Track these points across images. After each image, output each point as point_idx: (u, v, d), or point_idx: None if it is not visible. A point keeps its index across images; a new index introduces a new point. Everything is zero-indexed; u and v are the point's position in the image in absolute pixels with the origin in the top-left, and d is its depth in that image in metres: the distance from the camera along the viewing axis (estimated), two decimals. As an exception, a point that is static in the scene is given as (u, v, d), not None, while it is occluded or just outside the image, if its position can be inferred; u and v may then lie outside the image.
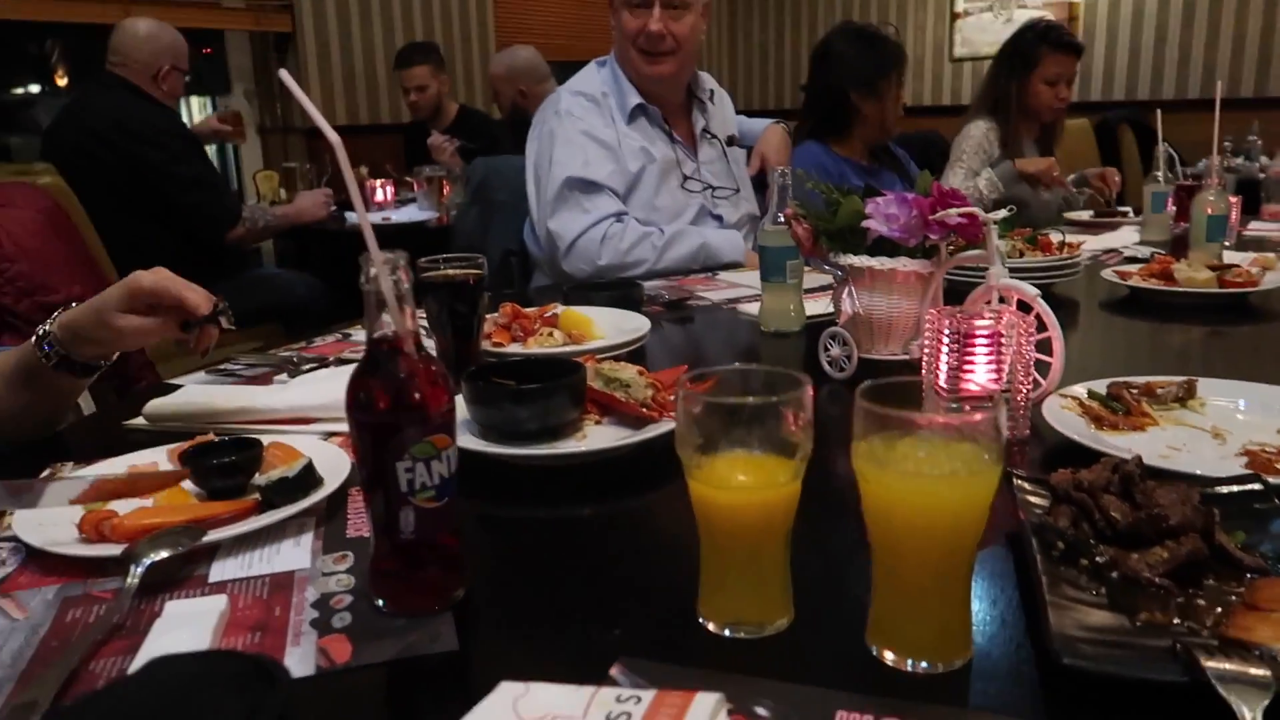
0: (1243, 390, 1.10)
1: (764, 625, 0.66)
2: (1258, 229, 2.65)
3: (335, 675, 0.63)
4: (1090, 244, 2.34)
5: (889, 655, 0.62)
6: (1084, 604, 0.65)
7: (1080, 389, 1.10)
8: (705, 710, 0.51)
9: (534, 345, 1.38)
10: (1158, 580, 0.66)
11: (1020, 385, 1.01)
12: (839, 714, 0.55)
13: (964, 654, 0.62)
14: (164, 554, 0.75)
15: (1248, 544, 0.71)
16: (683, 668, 0.61)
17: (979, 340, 0.96)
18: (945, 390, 0.97)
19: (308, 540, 0.82)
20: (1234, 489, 0.79)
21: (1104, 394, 1.09)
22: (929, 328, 1.00)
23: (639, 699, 0.52)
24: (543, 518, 0.92)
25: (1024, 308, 1.08)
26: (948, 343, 0.97)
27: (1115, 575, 0.68)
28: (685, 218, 2.18)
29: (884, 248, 1.26)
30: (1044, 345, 1.07)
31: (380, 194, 4.05)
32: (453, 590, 0.71)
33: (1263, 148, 3.95)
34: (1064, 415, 1.03)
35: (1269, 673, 0.54)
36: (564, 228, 2.05)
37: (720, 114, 2.36)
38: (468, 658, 0.66)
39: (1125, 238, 2.54)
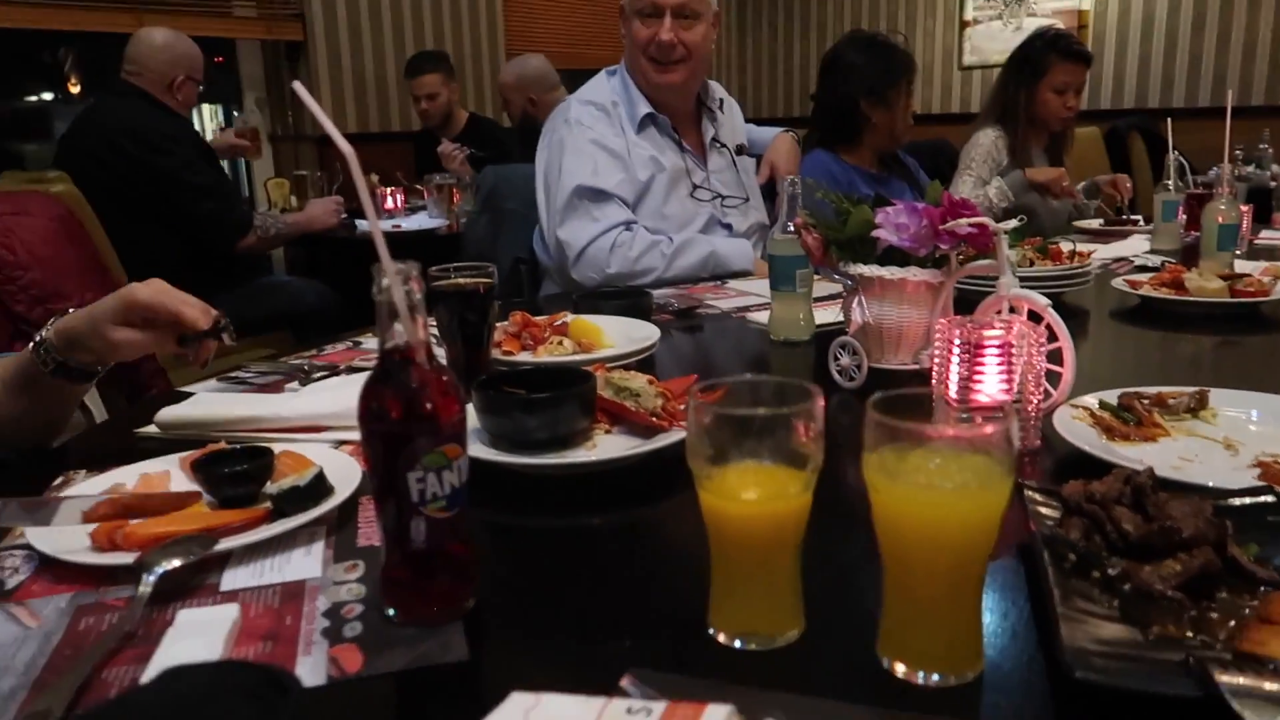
0: (1255, 401, 1.09)
1: (775, 637, 0.66)
2: (1269, 238, 2.64)
3: (346, 685, 0.63)
4: (1100, 253, 2.33)
5: (900, 667, 0.62)
6: (1096, 617, 0.64)
7: (1091, 399, 1.10)
8: (716, 722, 0.50)
9: (544, 354, 1.38)
10: (1170, 593, 0.66)
11: (1031, 395, 1.00)
12: (850, 726, 0.55)
13: (975, 666, 0.62)
14: (176, 563, 0.76)
15: (1261, 557, 0.71)
16: (693, 679, 0.61)
17: (989, 350, 0.96)
18: (955, 400, 0.97)
19: (319, 549, 0.83)
20: (1247, 501, 0.78)
21: (1115, 404, 1.09)
22: (939, 338, 0.99)
23: (649, 710, 0.52)
24: (552, 527, 0.92)
25: (1034, 317, 1.07)
26: (958, 353, 0.97)
27: (1127, 588, 0.67)
28: (694, 226, 2.19)
29: (894, 257, 1.26)
30: (1054, 355, 1.07)
31: (390, 202, 4.07)
32: (463, 600, 0.71)
33: (1274, 156, 3.93)
34: (1075, 426, 1.03)
35: (1283, 687, 0.53)
36: (573, 236, 2.06)
37: (730, 123, 2.36)
38: (478, 668, 0.66)
39: (1136, 246, 2.53)
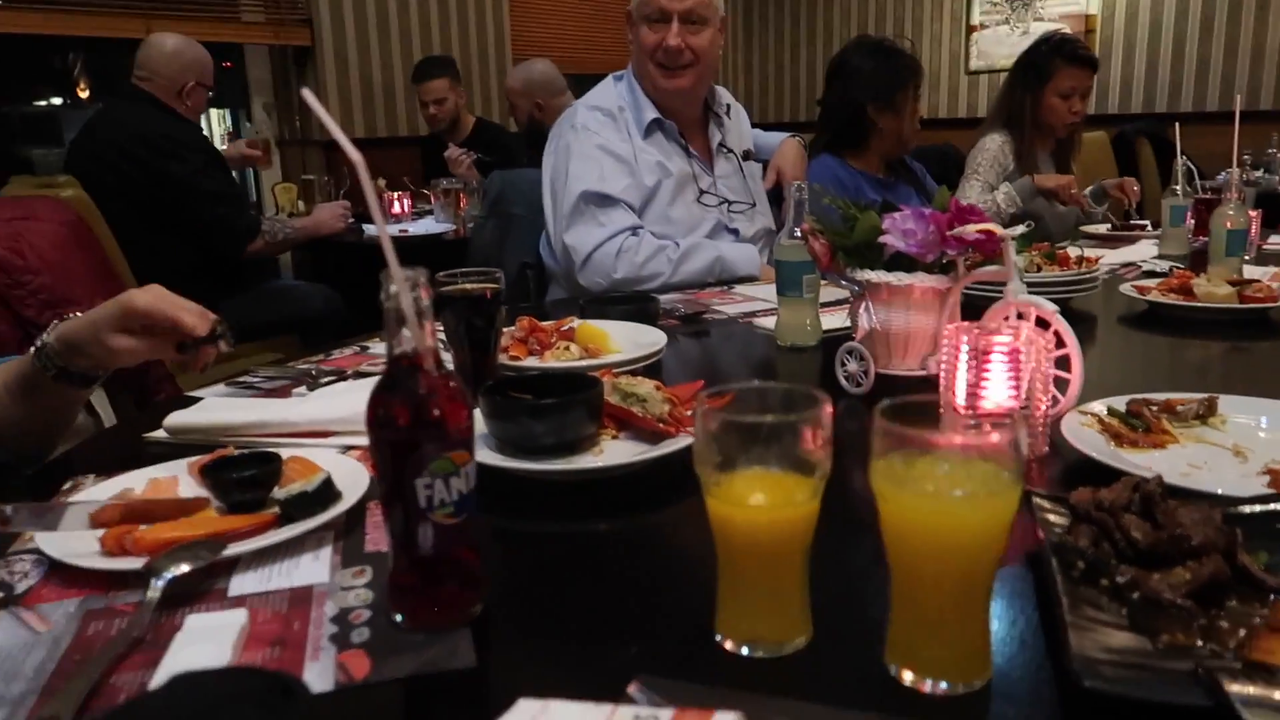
0: (1264, 408, 1.09)
1: (782, 644, 0.66)
2: (1278, 243, 2.63)
3: (354, 691, 0.63)
4: (1108, 258, 2.32)
5: (908, 675, 0.62)
6: (1105, 625, 0.64)
7: (1099, 406, 1.09)
8: (724, 730, 0.51)
9: (551, 359, 1.38)
10: (1180, 601, 0.66)
11: (1039, 402, 1.00)
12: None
13: (983, 674, 0.62)
14: (185, 568, 0.76)
15: (1271, 565, 0.70)
16: (700, 686, 0.61)
17: (997, 356, 0.96)
18: (963, 407, 0.96)
19: (326, 554, 0.83)
20: (1256, 509, 0.78)
21: (1124, 411, 1.08)
22: (946, 344, 0.99)
23: (657, 717, 0.52)
24: (559, 533, 0.93)
25: (1042, 323, 1.07)
26: (965, 359, 0.97)
27: (1136, 596, 0.67)
28: (701, 232, 2.19)
29: (901, 263, 1.25)
30: (1062, 361, 1.07)
31: (397, 206, 4.08)
32: (471, 606, 0.71)
33: (1283, 161, 3.93)
34: (1083, 432, 1.02)
35: (1293, 697, 0.53)
36: (580, 241, 2.06)
37: (736, 128, 2.37)
38: (485, 674, 0.66)
39: (1143, 252, 2.52)
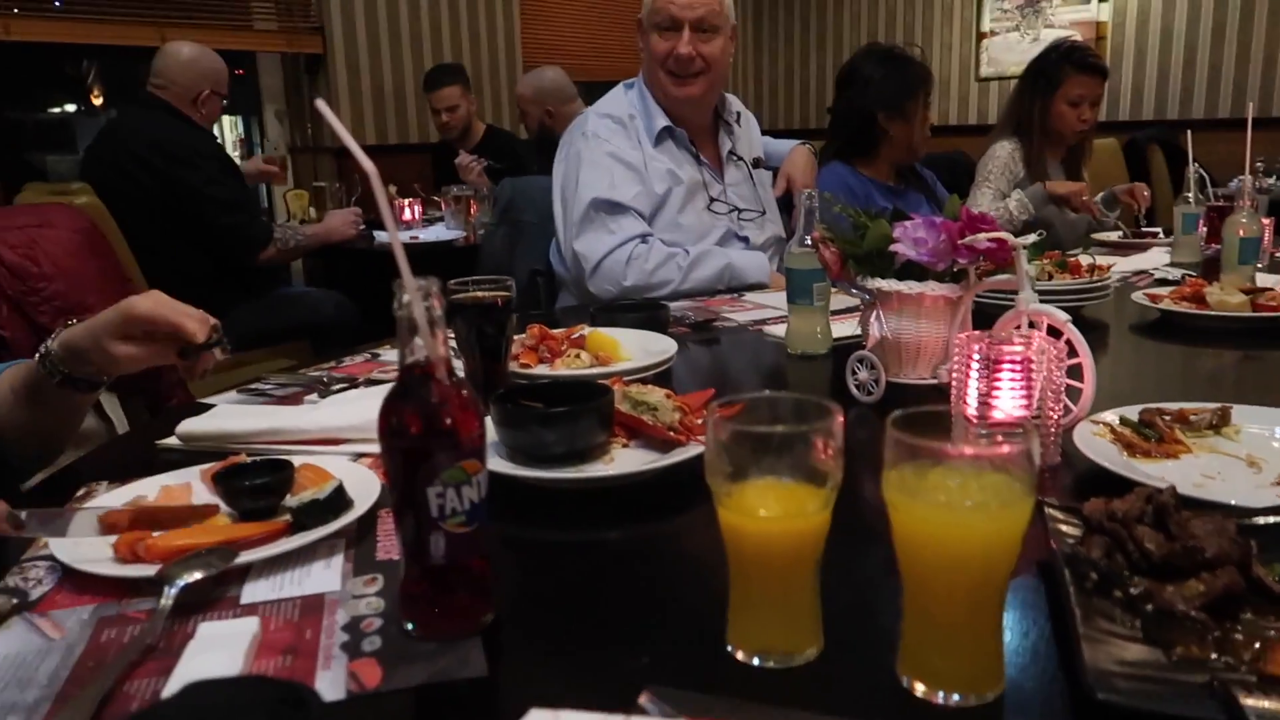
0: (1278, 418, 1.08)
1: (793, 655, 0.66)
2: (1291, 251, 2.62)
3: (365, 700, 0.64)
4: (1120, 266, 2.31)
5: (920, 687, 0.62)
6: (1118, 637, 0.64)
7: (1112, 415, 1.09)
8: (735, 742, 0.51)
9: (561, 367, 1.38)
10: (1194, 614, 0.65)
11: (1051, 411, 1.00)
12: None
13: (996, 686, 0.62)
14: (197, 575, 0.76)
15: (1286, 577, 0.70)
16: (711, 696, 0.61)
17: (1008, 366, 0.96)
18: (975, 417, 0.96)
19: (338, 562, 0.83)
20: (1271, 520, 0.78)
21: (1136, 420, 1.08)
22: (958, 353, 0.99)
23: (669, 729, 0.52)
24: (570, 541, 0.93)
25: (1054, 332, 1.07)
26: (977, 368, 0.97)
27: (1150, 608, 0.67)
28: (711, 239, 2.19)
29: (912, 272, 1.25)
30: (1074, 370, 1.06)
31: (408, 213, 4.10)
32: (482, 615, 0.72)
33: (1295, 168, 3.91)
34: (1095, 442, 1.02)
35: (1310, 711, 0.53)
36: (589, 249, 2.06)
37: (746, 136, 2.37)
38: (496, 684, 0.66)
39: (1155, 259, 2.51)
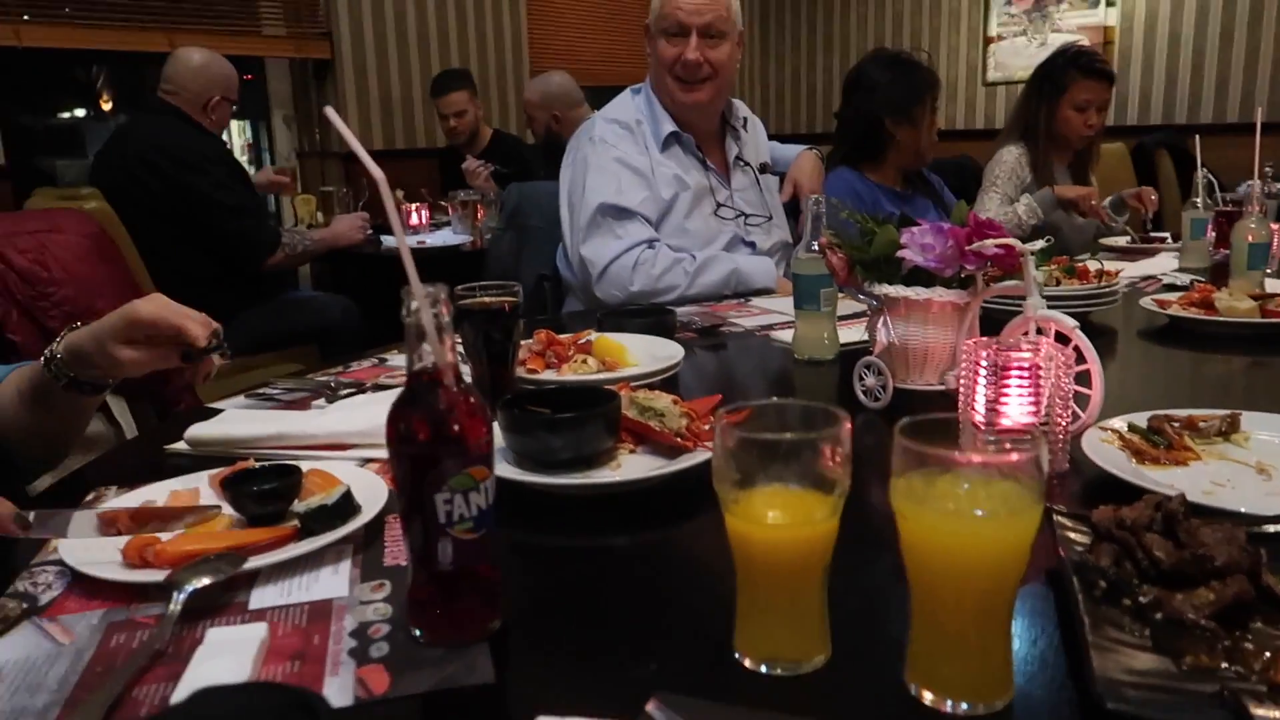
0: (1288, 425, 1.08)
1: (801, 662, 0.66)
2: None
3: (373, 706, 0.64)
4: (1128, 271, 2.31)
5: (928, 695, 0.62)
6: (1127, 646, 0.64)
7: (1120, 422, 1.09)
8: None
9: (568, 372, 1.39)
10: (1203, 622, 0.65)
11: (1059, 418, 1.00)
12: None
13: (1005, 695, 0.62)
14: (206, 581, 0.77)
15: (1296, 586, 0.70)
16: (719, 704, 0.61)
17: (1016, 373, 0.96)
18: (983, 424, 0.96)
19: (345, 568, 0.83)
20: (1281, 528, 0.77)
21: (1145, 427, 1.07)
22: (965, 359, 0.99)
23: (676, 737, 0.52)
24: (577, 547, 0.93)
25: (1062, 339, 1.07)
26: (984, 375, 0.97)
27: (1159, 617, 0.66)
28: (718, 244, 2.19)
29: (919, 277, 1.25)
30: (1082, 377, 1.06)
31: (415, 218, 4.10)
32: (489, 621, 0.72)
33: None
34: (1104, 449, 1.02)
35: (1321, 722, 0.52)
36: (596, 254, 2.07)
37: (753, 141, 2.37)
38: (504, 690, 0.66)
39: (1164, 265, 2.50)
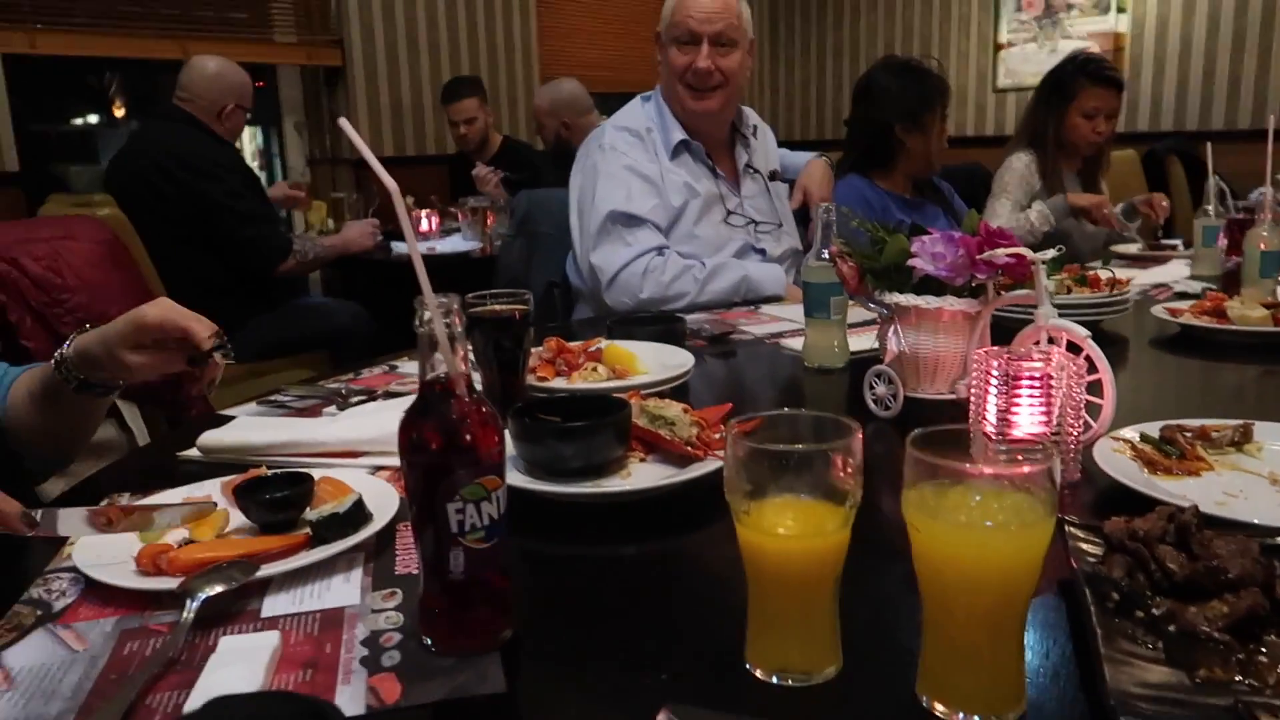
0: (1301, 435, 1.07)
1: (812, 673, 0.66)
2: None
3: (385, 715, 0.64)
4: (1140, 279, 2.30)
5: (939, 707, 0.61)
6: (1141, 659, 0.63)
7: (1132, 432, 1.08)
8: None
9: (578, 380, 1.39)
10: (1217, 635, 0.65)
11: (1070, 428, 0.99)
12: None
13: (1017, 707, 0.61)
14: (218, 588, 0.77)
15: (1310, 598, 0.69)
16: (730, 715, 0.61)
17: (1027, 382, 0.95)
18: (994, 434, 0.96)
19: (357, 576, 0.83)
20: (1295, 540, 0.77)
21: (1157, 437, 1.07)
22: (976, 369, 0.99)
23: (688, 749, 0.52)
24: (587, 556, 0.93)
25: (1074, 348, 1.06)
26: (995, 385, 0.96)
27: (1172, 629, 0.66)
28: (728, 252, 2.19)
29: (930, 286, 1.25)
30: (1094, 386, 1.06)
31: (425, 224, 4.12)
32: (501, 630, 0.72)
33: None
34: (1116, 459, 1.01)
35: (1336, 737, 0.52)
36: (606, 261, 2.07)
37: (763, 149, 2.37)
38: (515, 700, 0.66)
39: (1175, 272, 2.49)
